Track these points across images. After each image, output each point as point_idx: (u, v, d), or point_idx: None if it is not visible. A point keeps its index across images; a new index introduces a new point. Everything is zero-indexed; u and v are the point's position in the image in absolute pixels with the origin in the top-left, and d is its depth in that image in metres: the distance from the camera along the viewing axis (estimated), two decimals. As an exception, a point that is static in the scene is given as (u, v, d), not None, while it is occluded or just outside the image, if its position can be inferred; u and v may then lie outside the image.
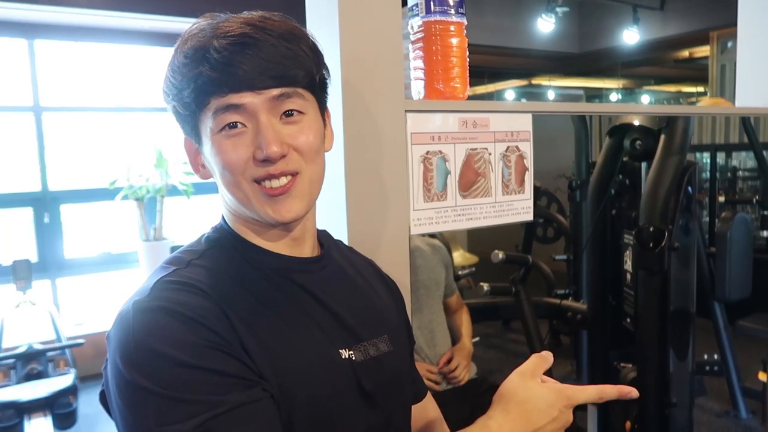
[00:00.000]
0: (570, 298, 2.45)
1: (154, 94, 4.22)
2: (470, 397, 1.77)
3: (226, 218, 0.73)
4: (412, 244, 1.87)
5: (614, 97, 9.41)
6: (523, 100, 8.57)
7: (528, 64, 5.96)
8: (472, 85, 1.01)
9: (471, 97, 1.01)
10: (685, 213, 1.78)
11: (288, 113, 0.66)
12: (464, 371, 1.78)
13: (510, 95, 8.29)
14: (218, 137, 0.65)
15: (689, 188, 1.79)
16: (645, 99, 9.65)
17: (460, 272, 2.94)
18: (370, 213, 0.90)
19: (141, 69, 4.51)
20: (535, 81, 7.69)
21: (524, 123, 1.04)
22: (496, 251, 1.99)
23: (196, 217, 4.58)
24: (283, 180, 0.66)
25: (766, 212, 3.42)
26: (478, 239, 4.81)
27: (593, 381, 2.17)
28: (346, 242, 0.88)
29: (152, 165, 4.15)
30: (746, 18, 1.52)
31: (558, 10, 4.25)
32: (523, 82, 7.84)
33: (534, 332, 2.02)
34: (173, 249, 0.64)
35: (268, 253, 0.70)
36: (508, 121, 1.02)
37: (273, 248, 0.71)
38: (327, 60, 0.73)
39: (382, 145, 0.90)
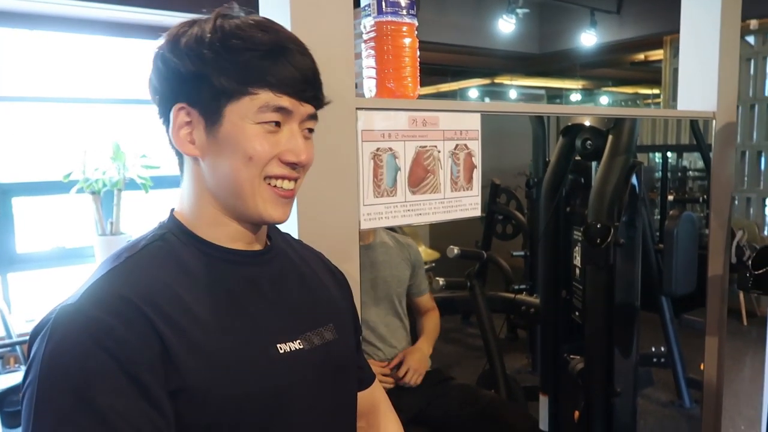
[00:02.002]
0: (525, 293, 2.53)
1: (112, 85, 4.14)
2: (427, 388, 1.80)
3: (179, 214, 0.74)
4: (378, 239, 1.89)
5: (575, 97, 9.62)
6: (487, 99, 8.70)
7: (490, 63, 6.06)
8: (435, 83, 1.05)
9: (435, 96, 1.04)
10: (631, 210, 1.86)
11: (310, 130, 0.73)
12: (414, 376, 1.75)
13: (473, 94, 8.40)
14: (256, 128, 0.67)
15: (635, 186, 1.87)
16: (603, 100, 9.90)
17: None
18: (321, 208, 0.92)
19: (98, 60, 4.41)
20: (497, 80, 7.81)
21: (473, 122, 1.08)
22: (452, 246, 2.03)
23: (155, 212, 4.50)
24: (292, 185, 0.71)
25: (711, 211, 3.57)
26: (440, 236, 4.87)
27: (545, 373, 2.24)
28: (296, 236, 0.90)
29: (109, 158, 4.06)
30: (688, 25, 1.59)
31: (518, 11, 4.34)
32: (486, 81, 7.95)
33: (488, 326, 2.08)
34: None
35: (217, 248, 0.71)
36: (457, 120, 1.06)
37: (226, 244, 0.72)
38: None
39: (333, 142, 0.92)
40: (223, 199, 0.71)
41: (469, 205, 1.09)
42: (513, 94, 9.10)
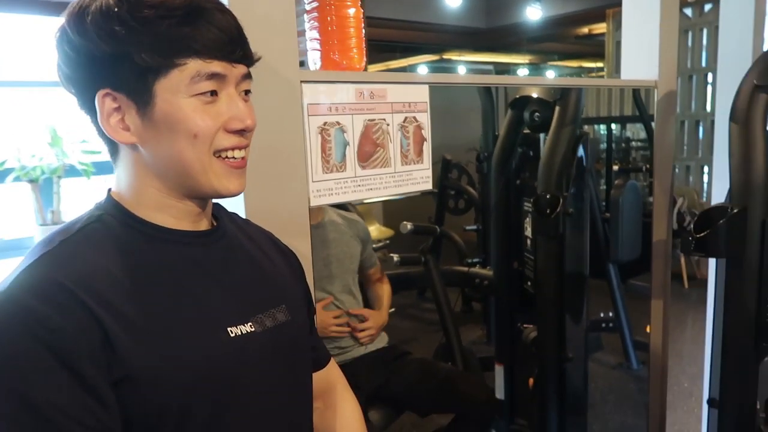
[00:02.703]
0: (478, 266, 2.56)
1: (47, 67, 3.93)
2: (384, 364, 1.81)
3: (116, 194, 0.69)
4: (326, 217, 1.88)
5: (522, 72, 9.74)
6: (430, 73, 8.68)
7: (439, 39, 6.04)
8: (385, 59, 1.02)
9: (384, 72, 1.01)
10: (579, 181, 1.89)
11: (246, 92, 0.69)
12: (372, 334, 1.80)
13: (423, 70, 8.38)
14: (192, 101, 0.63)
15: (582, 157, 1.91)
16: (550, 74, 10.06)
17: (374, 246, 2.98)
18: (268, 186, 0.89)
19: (31, 41, 4.17)
20: (446, 56, 7.81)
21: (421, 94, 1.06)
22: (405, 222, 2.03)
23: (98, 199, 4.33)
24: (243, 153, 0.68)
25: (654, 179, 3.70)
26: (393, 213, 4.89)
27: (500, 343, 2.29)
28: (243, 216, 0.87)
29: (46, 144, 3.87)
30: (629, -5, 1.62)
31: (465, -16, 4.33)
32: (434, 57, 7.94)
33: (443, 300, 2.10)
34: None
35: (160, 229, 0.68)
36: (406, 93, 1.04)
37: (170, 225, 0.69)
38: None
39: (278, 117, 0.89)
40: (171, 181, 0.67)
41: (420, 178, 1.08)
42: (462, 69, 9.13)
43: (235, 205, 0.87)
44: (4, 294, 0.57)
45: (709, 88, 4.87)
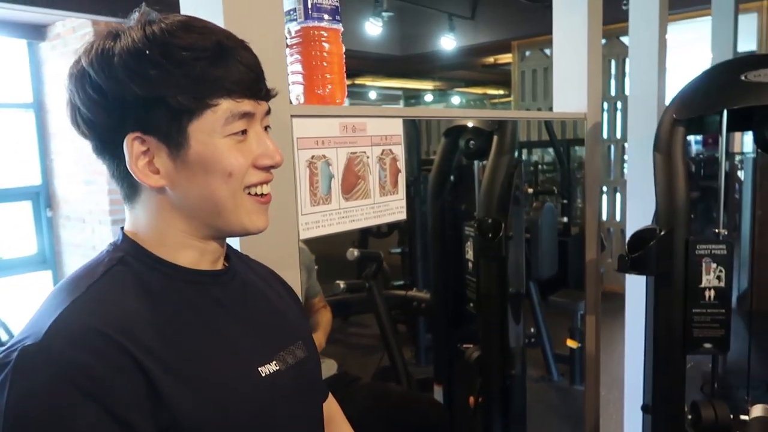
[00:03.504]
0: (414, 289, 2.62)
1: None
2: (335, 392, 1.80)
3: (133, 234, 0.67)
4: (299, 248, 1.84)
5: (429, 97, 10.11)
6: (346, 100, 8.81)
7: (355, 64, 6.15)
8: None
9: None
10: (515, 205, 2.00)
11: (266, 128, 0.70)
12: None
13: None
14: (227, 141, 0.63)
15: (517, 182, 2.03)
16: (456, 99, 10.52)
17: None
18: (261, 219, 0.88)
19: None
20: (359, 81, 7.95)
21: (396, 127, 1.10)
22: (351, 249, 2.05)
23: (111, 239, 4.01)
24: (269, 188, 0.69)
25: (565, 201, 3.96)
26: (316, 237, 4.87)
27: (439, 364, 2.34)
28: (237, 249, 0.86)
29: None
30: (560, 34, 1.76)
31: (384, 14, 4.46)
32: (348, 82, 8.05)
33: (387, 324, 2.12)
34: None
35: (180, 269, 0.67)
36: (383, 126, 1.07)
37: (189, 265, 0.67)
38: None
39: (269, 150, 0.89)
40: (200, 221, 0.66)
41: (395, 208, 1.11)
42: (373, 94, 9.33)
43: (229, 239, 0.86)
44: (39, 346, 0.53)
45: (619, 115, 5.28)
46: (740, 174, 3.48)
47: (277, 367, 0.69)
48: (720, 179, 1.61)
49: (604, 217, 5.45)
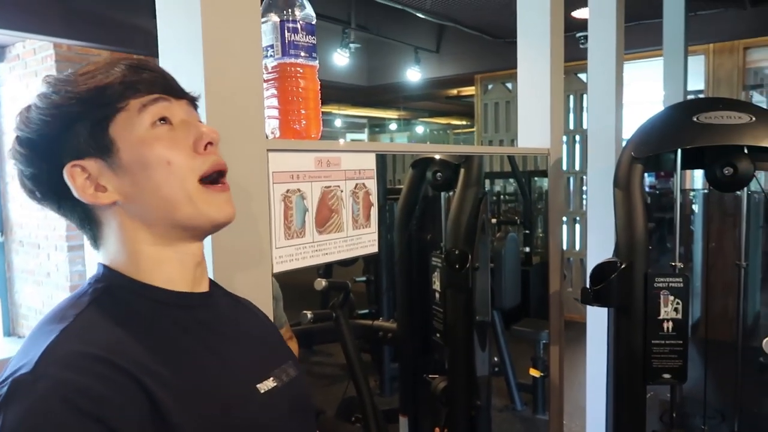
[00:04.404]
0: (381, 319, 2.62)
1: None
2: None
3: (113, 265, 0.67)
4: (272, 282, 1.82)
5: (393, 126, 10.25)
6: (312, 126, 8.86)
7: (321, 93, 6.21)
8: None
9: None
10: (482, 235, 2.04)
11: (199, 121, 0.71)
12: None
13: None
14: (150, 132, 0.64)
15: (483, 214, 2.07)
16: (420, 129, 10.68)
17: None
18: (234, 253, 0.89)
19: None
20: (325, 109, 8.01)
21: (369, 161, 1.12)
22: (319, 279, 2.05)
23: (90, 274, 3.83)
24: (225, 178, 0.69)
25: (527, 231, 4.05)
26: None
27: (405, 394, 2.34)
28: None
29: None
30: (524, 73, 1.82)
31: (351, 45, 4.53)
32: (313, 110, 8.11)
33: (353, 355, 2.11)
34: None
35: (167, 293, 0.66)
36: (357, 160, 1.09)
37: (173, 287, 0.67)
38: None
39: (244, 184, 0.89)
40: (161, 225, 0.65)
41: (368, 241, 1.13)
42: (338, 122, 9.40)
43: (201, 274, 0.85)
44: (33, 374, 0.51)
45: (577, 147, 5.45)
46: (694, 207, 3.64)
47: (275, 384, 0.69)
48: (675, 215, 1.68)
49: (565, 247, 5.58)
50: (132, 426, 0.52)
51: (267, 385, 0.68)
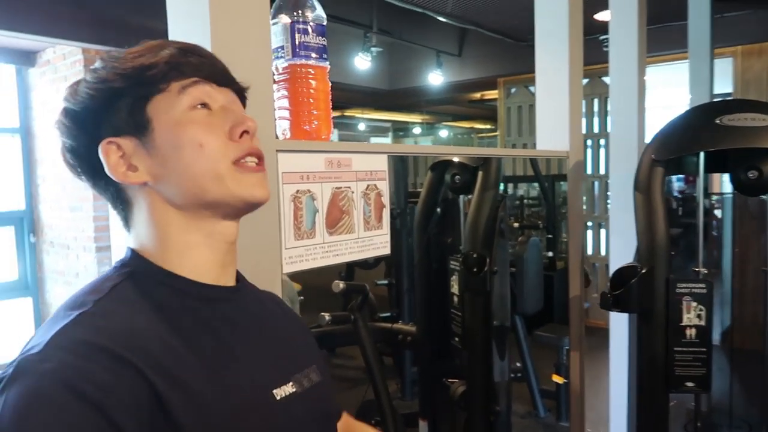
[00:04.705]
0: (400, 322, 2.61)
1: None
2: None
3: (140, 250, 0.66)
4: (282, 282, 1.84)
5: (417, 130, 10.24)
6: (336, 130, 8.92)
7: (343, 97, 6.24)
8: None
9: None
10: (500, 239, 2.02)
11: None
12: None
13: (324, 125, 8.54)
14: (187, 114, 0.64)
15: (502, 217, 2.05)
16: (443, 133, 10.65)
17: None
18: (244, 252, 0.89)
19: None
20: (348, 113, 8.04)
21: (381, 163, 1.12)
22: (337, 281, 2.05)
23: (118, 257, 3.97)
24: (260, 162, 0.68)
25: (550, 236, 4.00)
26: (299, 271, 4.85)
27: (424, 398, 2.32)
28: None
29: None
30: (542, 76, 1.80)
31: (373, 49, 4.54)
32: (337, 113, 8.15)
33: (372, 358, 2.11)
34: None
35: (192, 283, 0.65)
36: (368, 161, 1.09)
37: (199, 277, 0.65)
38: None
39: (254, 185, 0.90)
40: (191, 208, 0.65)
41: (380, 243, 1.12)
42: (362, 126, 9.43)
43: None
44: (40, 355, 0.52)
45: (602, 151, 5.38)
46: (716, 212, 3.55)
47: (294, 389, 0.67)
48: (698, 219, 1.64)
49: (590, 251, 5.49)
50: (130, 419, 0.51)
51: (285, 390, 0.66)
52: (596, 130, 5.37)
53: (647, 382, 1.60)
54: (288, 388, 0.66)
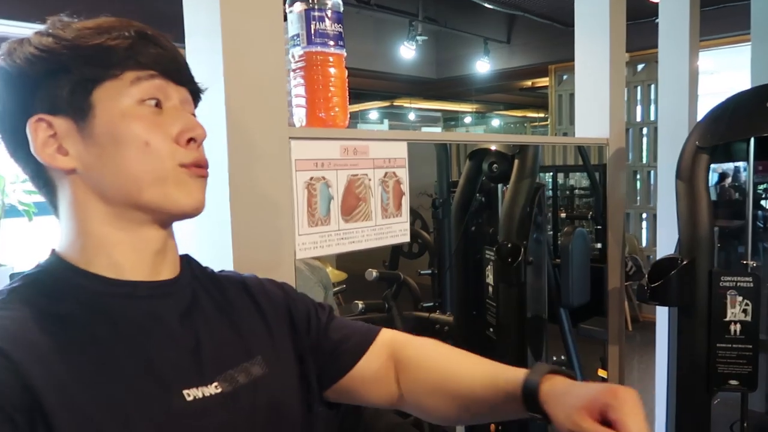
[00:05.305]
0: (438, 312, 2.59)
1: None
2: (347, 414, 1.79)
3: (61, 251, 0.63)
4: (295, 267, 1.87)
5: (468, 119, 10.11)
6: (386, 121, 8.92)
7: (391, 86, 6.23)
8: None
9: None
10: (537, 229, 1.97)
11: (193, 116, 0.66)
12: None
13: (373, 115, 8.56)
14: (136, 109, 0.60)
15: (539, 207, 2.00)
16: (495, 122, 10.47)
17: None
18: (257, 239, 0.90)
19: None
20: (397, 102, 8.02)
21: (400, 150, 1.11)
22: (370, 270, 2.05)
23: (40, 241, 4.15)
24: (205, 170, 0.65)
25: (599, 227, 3.87)
26: (347, 256, 4.89)
27: (460, 389, 2.30)
28: (231, 269, 0.87)
29: (-15, 184, 3.71)
30: (581, 61, 1.74)
31: (418, 38, 4.51)
32: (385, 103, 8.15)
33: (406, 346, 2.11)
34: (12, 276, 0.53)
35: (109, 281, 0.61)
36: (386, 149, 1.08)
37: (123, 275, 0.61)
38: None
39: (266, 172, 0.91)
40: (122, 203, 0.61)
41: (398, 231, 1.12)
42: (412, 116, 9.40)
43: (222, 258, 0.87)
44: None
45: (645, 141, 5.18)
46: (763, 202, 3.33)
47: (219, 390, 0.61)
48: (747, 209, 1.55)
49: (644, 243, 5.30)
50: (21, 413, 0.49)
51: (203, 391, 0.60)
52: (639, 118, 5.16)
53: (688, 379, 1.53)
54: (208, 389, 0.61)
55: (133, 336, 0.59)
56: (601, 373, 3.32)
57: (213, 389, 0.61)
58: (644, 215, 5.34)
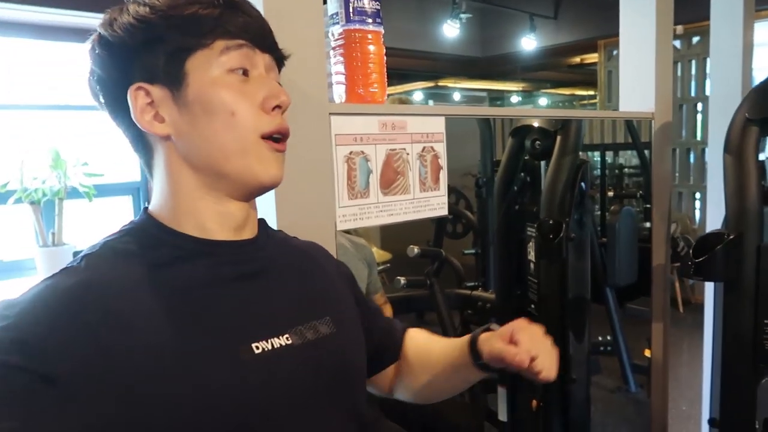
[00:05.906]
0: (480, 289, 2.61)
1: (49, 91, 3.99)
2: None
3: (152, 210, 0.68)
4: (336, 240, 1.92)
5: (515, 99, 9.93)
6: (431, 101, 8.87)
7: (435, 66, 6.19)
8: None
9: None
10: (579, 207, 1.96)
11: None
12: None
13: (418, 96, 8.52)
14: (225, 78, 0.63)
15: (582, 184, 1.98)
16: (543, 101, 10.25)
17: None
18: (299, 211, 0.95)
19: (33, 65, 4.24)
20: (441, 83, 7.96)
21: (438, 125, 1.13)
22: (411, 246, 2.09)
23: (99, 221, 4.37)
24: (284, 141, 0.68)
25: (648, 205, 3.77)
26: (392, 236, 4.93)
27: (502, 365, 2.32)
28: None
29: (48, 166, 3.91)
30: (626, 32, 1.70)
31: (462, 16, 4.46)
32: (430, 84, 8.09)
33: (448, 322, 2.14)
34: (75, 254, 0.58)
35: (194, 240, 0.65)
36: (424, 124, 1.10)
37: (208, 235, 0.66)
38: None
39: (308, 146, 0.95)
40: (208, 171, 0.65)
41: (436, 204, 1.14)
42: (456, 96, 9.31)
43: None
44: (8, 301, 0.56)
45: (699, 117, 5.00)
46: None
47: (290, 341, 0.65)
48: (799, 182, 1.50)
49: (697, 223, 5.13)
50: (62, 366, 0.53)
51: (273, 342, 0.64)
52: (693, 93, 4.97)
53: (733, 356, 1.51)
54: (279, 340, 0.64)
55: (212, 291, 0.64)
56: (648, 353, 3.27)
57: (284, 340, 0.65)
58: (697, 195, 5.17)
